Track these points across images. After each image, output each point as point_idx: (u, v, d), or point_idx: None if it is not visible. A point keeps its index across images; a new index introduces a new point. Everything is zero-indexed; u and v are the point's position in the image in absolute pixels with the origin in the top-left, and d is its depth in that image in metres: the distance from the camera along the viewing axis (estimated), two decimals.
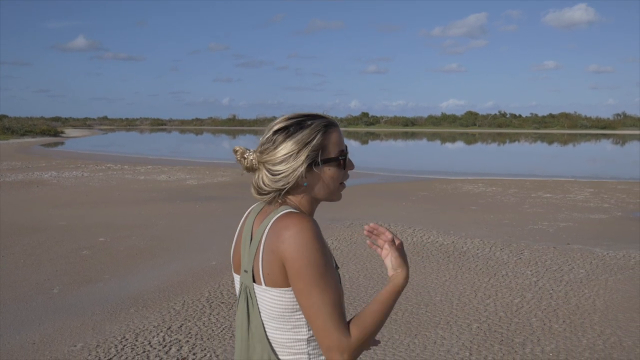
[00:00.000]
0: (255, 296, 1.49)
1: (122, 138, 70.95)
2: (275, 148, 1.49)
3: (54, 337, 4.66)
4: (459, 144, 58.39)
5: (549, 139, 70.37)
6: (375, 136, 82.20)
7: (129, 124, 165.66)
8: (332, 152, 1.52)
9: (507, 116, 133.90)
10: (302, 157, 1.48)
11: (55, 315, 5.21)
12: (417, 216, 10.77)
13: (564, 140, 68.82)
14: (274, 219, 1.45)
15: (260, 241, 1.45)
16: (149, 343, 4.50)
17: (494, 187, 16.53)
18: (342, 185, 1.59)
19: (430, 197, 14.34)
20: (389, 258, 1.51)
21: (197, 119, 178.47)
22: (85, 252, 7.64)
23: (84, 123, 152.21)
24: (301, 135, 1.48)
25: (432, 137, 79.55)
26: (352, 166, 1.59)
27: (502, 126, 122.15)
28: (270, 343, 1.49)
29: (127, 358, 4.21)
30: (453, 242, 7.96)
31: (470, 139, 69.91)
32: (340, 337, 1.38)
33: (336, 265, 1.51)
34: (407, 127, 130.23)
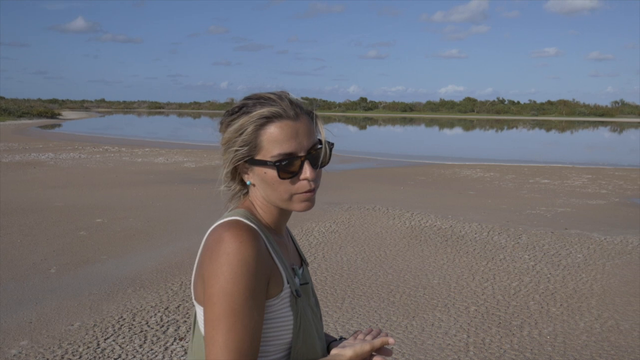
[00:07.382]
0: (195, 308, 1.28)
1: (120, 121, 70.70)
2: (222, 134, 1.26)
3: (51, 316, 4.65)
4: (457, 130, 58.32)
5: (547, 126, 70.33)
6: (374, 121, 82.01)
7: (127, 107, 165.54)
8: (268, 153, 1.19)
9: (506, 103, 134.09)
10: (231, 153, 1.22)
11: (52, 294, 5.19)
12: (415, 200, 10.75)
13: (562, 127, 68.77)
14: (214, 225, 1.24)
15: (200, 248, 1.24)
16: (147, 323, 4.49)
17: (492, 172, 16.53)
18: (301, 193, 1.22)
19: (429, 181, 14.33)
20: (364, 346, 1.24)
21: (195, 103, 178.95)
22: (82, 232, 7.61)
23: (82, 105, 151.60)
24: (237, 125, 1.21)
25: (430, 122, 79.43)
26: (307, 173, 1.20)
27: (500, 113, 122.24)
28: None
29: (124, 337, 4.20)
30: (451, 226, 7.95)
31: (468, 125, 69.83)
32: None
33: (296, 292, 1.26)
34: (406, 112, 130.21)
